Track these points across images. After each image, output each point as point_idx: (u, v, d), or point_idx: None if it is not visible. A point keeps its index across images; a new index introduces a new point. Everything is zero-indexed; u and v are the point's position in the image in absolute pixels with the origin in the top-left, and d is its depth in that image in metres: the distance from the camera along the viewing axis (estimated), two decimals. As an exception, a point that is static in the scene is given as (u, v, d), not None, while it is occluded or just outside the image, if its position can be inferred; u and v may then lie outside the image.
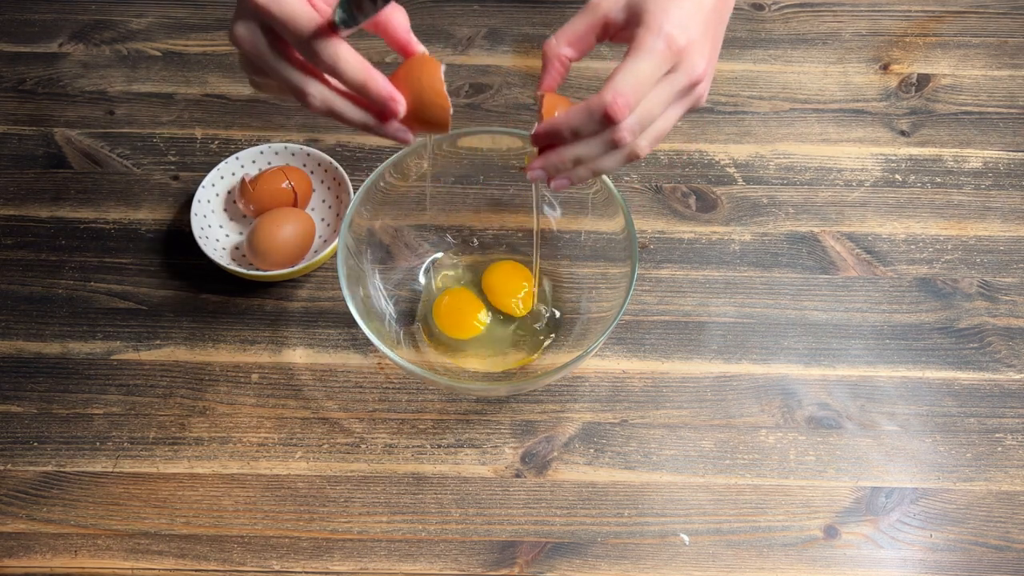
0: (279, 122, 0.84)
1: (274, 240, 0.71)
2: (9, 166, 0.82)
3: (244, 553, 0.65)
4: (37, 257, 0.77)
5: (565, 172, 0.52)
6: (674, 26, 0.48)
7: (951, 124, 0.84)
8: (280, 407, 0.70)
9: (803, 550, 0.66)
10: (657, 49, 0.48)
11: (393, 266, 0.74)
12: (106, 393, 0.71)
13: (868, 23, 0.90)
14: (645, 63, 0.48)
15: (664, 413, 0.70)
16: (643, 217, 0.79)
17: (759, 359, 0.73)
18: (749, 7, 0.91)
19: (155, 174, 0.81)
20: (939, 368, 0.72)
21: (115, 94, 0.86)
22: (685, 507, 0.67)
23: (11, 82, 0.86)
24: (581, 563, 0.65)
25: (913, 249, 0.78)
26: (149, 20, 0.90)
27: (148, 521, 0.66)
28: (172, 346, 0.73)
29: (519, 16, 0.91)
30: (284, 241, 0.71)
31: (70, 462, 0.68)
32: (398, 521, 0.66)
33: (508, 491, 0.68)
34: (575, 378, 0.72)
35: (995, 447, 0.69)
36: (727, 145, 0.83)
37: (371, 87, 0.47)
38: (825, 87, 0.86)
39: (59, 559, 0.65)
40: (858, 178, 0.81)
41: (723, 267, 0.77)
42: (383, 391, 0.71)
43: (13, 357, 0.72)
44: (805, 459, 0.69)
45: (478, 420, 0.70)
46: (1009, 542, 0.66)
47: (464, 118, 0.84)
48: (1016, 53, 0.89)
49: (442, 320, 0.72)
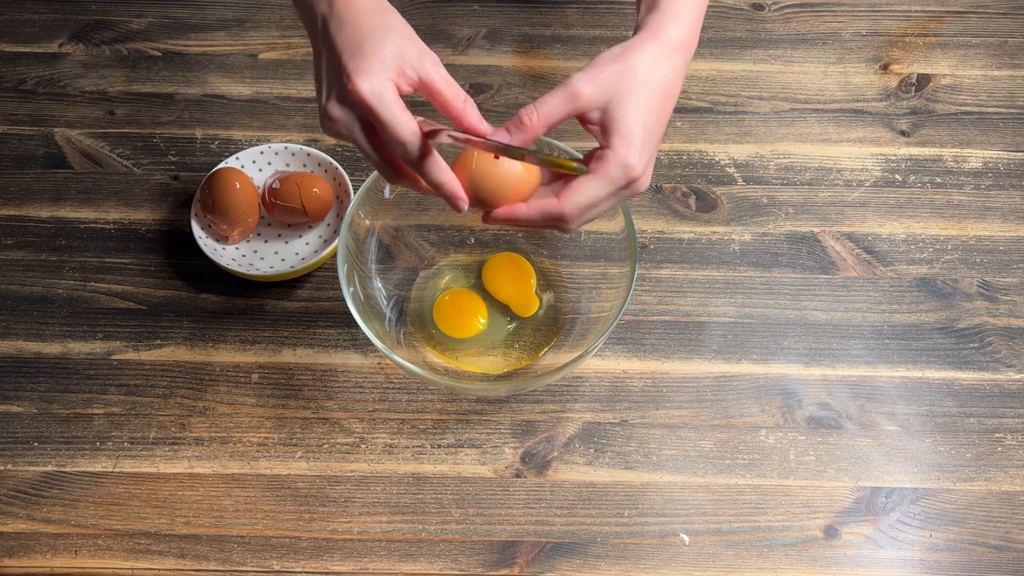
0: (279, 122, 0.84)
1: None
2: (9, 166, 0.82)
3: (244, 553, 0.65)
4: (37, 257, 0.77)
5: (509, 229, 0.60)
6: (635, 156, 0.54)
7: (951, 124, 0.84)
8: (280, 407, 0.70)
9: (803, 550, 0.66)
10: (616, 177, 0.54)
11: (393, 266, 0.74)
12: (106, 393, 0.71)
13: (868, 23, 0.90)
14: (603, 188, 0.54)
15: (664, 413, 0.70)
16: (643, 217, 0.79)
17: (759, 359, 0.73)
18: (749, 7, 0.91)
19: (155, 174, 0.81)
20: (939, 368, 0.72)
21: (115, 94, 0.86)
22: (685, 507, 0.67)
23: (11, 82, 0.86)
24: (581, 563, 0.65)
25: (913, 249, 0.78)
26: (149, 20, 0.90)
27: (148, 521, 0.66)
28: (172, 346, 0.73)
29: (519, 16, 0.91)
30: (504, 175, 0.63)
31: (70, 462, 0.68)
32: (398, 521, 0.66)
33: (508, 491, 0.68)
34: (575, 378, 0.72)
35: (995, 447, 0.69)
36: (727, 145, 0.83)
37: (446, 189, 0.54)
38: (825, 87, 0.86)
39: (59, 559, 0.65)
40: (858, 178, 0.81)
41: (723, 267, 0.77)
42: (383, 391, 0.71)
43: (13, 357, 0.72)
44: (805, 459, 0.69)
45: (478, 420, 0.70)
46: (1009, 542, 0.66)
47: (464, 118, 0.84)
48: (1016, 53, 0.89)
49: (442, 319, 0.72)
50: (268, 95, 0.85)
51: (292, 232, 0.77)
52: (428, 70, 0.53)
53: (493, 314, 0.73)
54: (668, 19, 0.56)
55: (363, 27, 0.53)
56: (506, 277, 0.74)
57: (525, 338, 0.72)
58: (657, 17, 0.57)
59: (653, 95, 0.54)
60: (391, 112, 0.51)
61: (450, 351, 0.72)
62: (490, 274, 0.74)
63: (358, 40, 0.52)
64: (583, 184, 0.54)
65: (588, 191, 0.54)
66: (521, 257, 0.75)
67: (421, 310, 0.73)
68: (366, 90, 0.50)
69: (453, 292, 0.73)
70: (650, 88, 0.54)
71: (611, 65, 0.54)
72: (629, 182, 0.54)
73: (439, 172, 0.53)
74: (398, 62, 0.52)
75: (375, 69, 0.51)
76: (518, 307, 0.73)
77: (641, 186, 0.55)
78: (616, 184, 0.54)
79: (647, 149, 0.55)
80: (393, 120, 0.51)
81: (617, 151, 0.54)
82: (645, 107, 0.54)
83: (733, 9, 0.91)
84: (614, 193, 0.55)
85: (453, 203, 0.55)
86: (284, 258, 0.75)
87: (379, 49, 0.52)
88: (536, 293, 0.73)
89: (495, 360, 0.71)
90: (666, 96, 0.55)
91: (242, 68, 0.87)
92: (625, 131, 0.54)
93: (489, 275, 0.74)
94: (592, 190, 0.54)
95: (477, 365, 0.71)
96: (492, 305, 0.73)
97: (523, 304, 0.73)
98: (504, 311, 0.73)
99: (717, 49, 0.88)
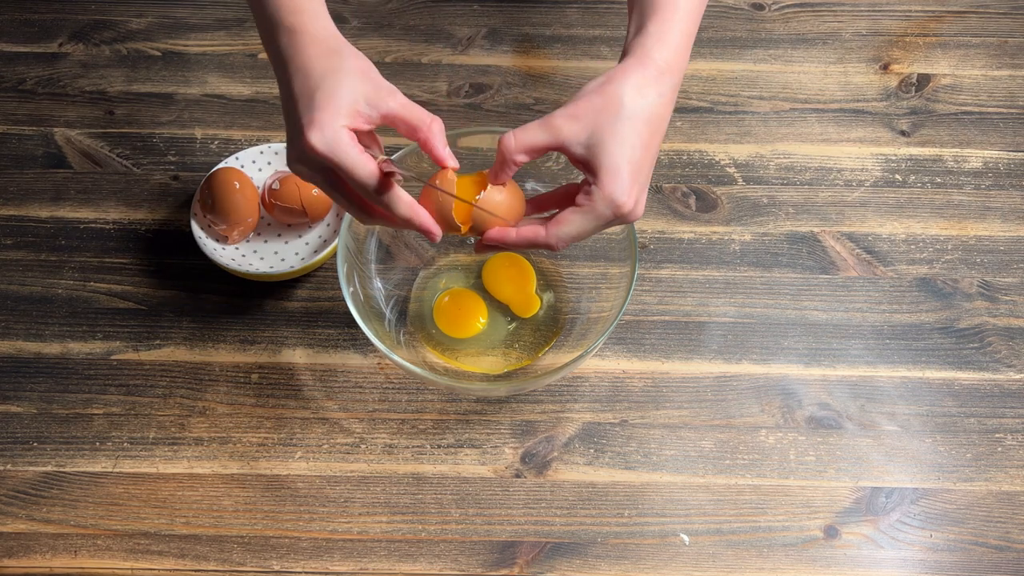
0: (279, 122, 0.83)
1: None
2: (9, 166, 0.82)
3: (244, 553, 0.65)
4: (37, 257, 0.77)
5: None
6: (622, 192, 0.53)
7: (951, 124, 0.84)
8: (280, 407, 0.70)
9: (803, 550, 0.66)
10: (604, 213, 0.53)
11: (393, 266, 0.74)
12: (106, 393, 0.71)
13: (868, 23, 0.90)
14: (591, 223, 0.54)
15: (664, 413, 0.70)
16: (643, 217, 0.79)
17: (759, 359, 0.73)
18: (749, 7, 0.91)
19: (155, 174, 0.81)
20: (939, 368, 0.72)
21: (115, 94, 0.85)
22: (685, 507, 0.67)
23: (11, 82, 0.86)
24: (581, 563, 0.65)
25: (913, 249, 0.78)
26: (149, 20, 0.90)
27: (148, 521, 0.66)
28: (172, 346, 0.73)
29: (519, 16, 0.91)
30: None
31: (70, 462, 0.68)
32: (398, 521, 0.66)
33: (508, 491, 0.68)
34: (575, 378, 0.72)
35: (995, 447, 0.69)
36: (727, 145, 0.83)
37: (415, 223, 0.55)
38: (825, 87, 0.86)
39: (59, 559, 0.65)
40: (858, 178, 0.81)
41: (723, 267, 0.77)
42: (383, 391, 0.71)
43: (13, 357, 0.72)
44: (805, 459, 0.69)
45: (478, 420, 0.70)
46: (1009, 542, 0.66)
47: (464, 118, 0.84)
48: (1016, 53, 0.89)
49: (442, 320, 0.72)
50: (268, 95, 0.85)
51: (292, 232, 0.77)
52: (387, 104, 0.53)
53: (493, 314, 0.73)
54: (654, 43, 0.55)
55: (315, 73, 0.53)
56: (506, 277, 0.74)
57: (525, 338, 0.72)
58: (642, 41, 0.55)
59: (636, 128, 0.53)
60: (347, 158, 0.51)
61: (450, 351, 0.72)
62: (490, 274, 0.74)
63: (310, 88, 0.52)
64: (569, 216, 0.54)
65: (575, 224, 0.54)
66: (521, 257, 0.75)
67: (421, 310, 0.73)
68: (319, 144, 0.51)
69: (453, 292, 0.73)
70: (633, 121, 0.53)
71: (592, 99, 0.53)
72: (617, 216, 0.54)
73: (403, 207, 0.54)
74: (352, 106, 0.52)
75: (327, 120, 0.51)
76: (518, 307, 0.73)
77: (633, 217, 0.55)
78: (603, 219, 0.54)
79: (636, 183, 0.53)
80: (351, 165, 0.51)
81: (604, 188, 0.53)
82: (629, 141, 0.53)
83: (733, 9, 0.91)
84: (603, 225, 0.54)
85: (426, 235, 0.55)
86: (284, 258, 0.75)
87: (331, 96, 0.51)
88: (536, 293, 0.73)
89: (495, 360, 0.71)
90: (652, 127, 0.54)
91: (242, 68, 0.87)
92: (611, 167, 0.52)
93: (489, 275, 0.74)
94: (578, 223, 0.54)
95: (477, 365, 0.71)
96: (492, 305, 0.73)
97: (523, 304, 0.73)
98: (504, 311, 0.73)
99: (717, 49, 0.88)
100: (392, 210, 0.54)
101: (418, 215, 0.55)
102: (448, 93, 0.86)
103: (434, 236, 0.56)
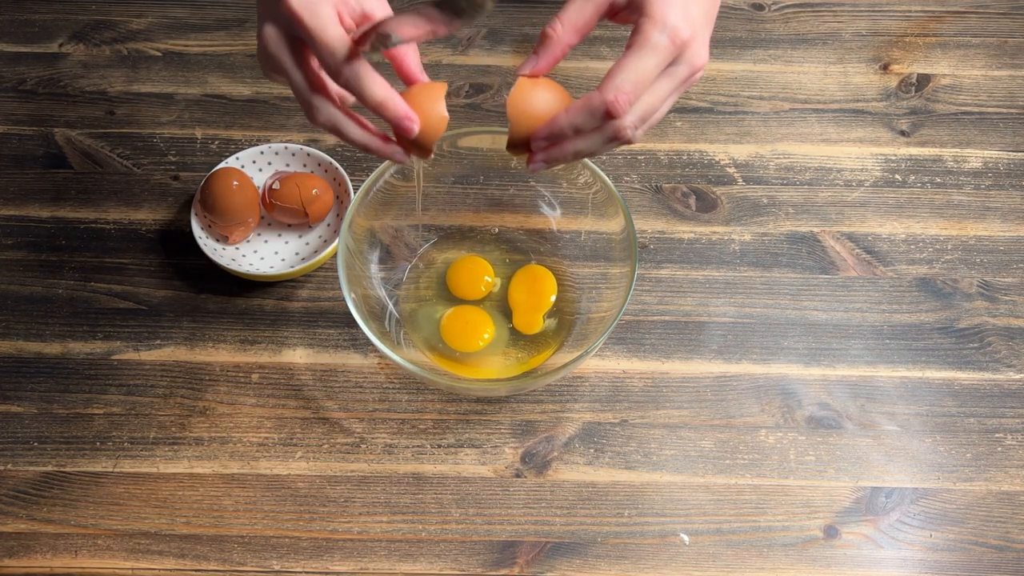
0: (279, 122, 0.84)
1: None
2: (9, 166, 0.82)
3: (244, 553, 0.65)
4: (37, 257, 0.77)
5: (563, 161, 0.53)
6: (679, 18, 0.47)
7: (951, 124, 0.84)
8: (280, 407, 0.70)
9: (803, 550, 0.66)
10: (661, 44, 0.47)
11: (393, 266, 0.74)
12: (106, 393, 0.71)
13: (868, 23, 0.90)
14: (648, 59, 0.47)
15: (664, 413, 0.70)
16: (643, 217, 0.79)
17: (759, 359, 0.73)
18: (749, 7, 0.91)
19: (155, 174, 0.81)
20: (939, 368, 0.72)
21: (115, 94, 0.86)
22: (685, 507, 0.67)
23: (11, 82, 0.86)
24: (581, 563, 0.65)
25: (913, 249, 0.78)
26: (149, 20, 0.90)
27: (148, 521, 0.66)
28: (172, 346, 0.73)
29: (519, 16, 0.91)
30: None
31: (70, 462, 0.68)
32: (398, 521, 0.66)
33: (508, 491, 0.68)
34: (575, 378, 0.72)
35: (995, 447, 0.69)
36: (727, 145, 0.83)
37: (390, 106, 0.49)
38: (825, 87, 0.86)
39: (59, 559, 0.65)
40: (858, 178, 0.81)
41: (723, 267, 0.77)
42: (383, 391, 0.71)
43: (13, 357, 0.72)
44: (805, 459, 0.69)
45: (478, 420, 0.70)
46: (1009, 542, 0.66)
47: (464, 118, 0.84)
48: (1016, 53, 0.89)
49: (449, 334, 0.71)
50: (268, 95, 0.85)
51: (292, 232, 0.77)
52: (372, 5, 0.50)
53: (494, 314, 0.73)
54: None
55: None
56: (527, 288, 0.73)
57: (525, 339, 0.72)
58: None
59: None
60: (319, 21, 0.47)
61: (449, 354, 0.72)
62: (516, 276, 0.74)
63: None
64: (623, 61, 0.47)
65: (630, 67, 0.47)
66: (551, 278, 0.73)
67: (420, 310, 0.73)
68: (296, 3, 0.48)
69: (459, 309, 0.73)
70: None
71: None
72: (678, 50, 0.47)
73: (377, 88, 0.48)
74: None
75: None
76: (521, 320, 0.72)
77: (696, 56, 0.48)
78: (662, 52, 0.47)
79: (691, 12, 0.47)
80: (321, 29, 0.47)
81: (654, 12, 0.47)
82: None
83: (733, 9, 0.91)
84: (663, 66, 0.47)
85: (400, 124, 0.50)
86: (284, 258, 0.75)
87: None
88: (544, 318, 0.72)
89: (495, 360, 0.71)
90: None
91: (242, 68, 0.87)
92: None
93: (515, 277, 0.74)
94: (634, 64, 0.47)
95: (477, 367, 0.71)
96: (495, 306, 0.73)
97: (527, 321, 0.72)
98: (506, 313, 0.73)
99: (717, 49, 0.88)
100: (361, 89, 0.48)
101: (392, 97, 0.49)
102: (448, 93, 0.86)
103: (411, 127, 0.50)
